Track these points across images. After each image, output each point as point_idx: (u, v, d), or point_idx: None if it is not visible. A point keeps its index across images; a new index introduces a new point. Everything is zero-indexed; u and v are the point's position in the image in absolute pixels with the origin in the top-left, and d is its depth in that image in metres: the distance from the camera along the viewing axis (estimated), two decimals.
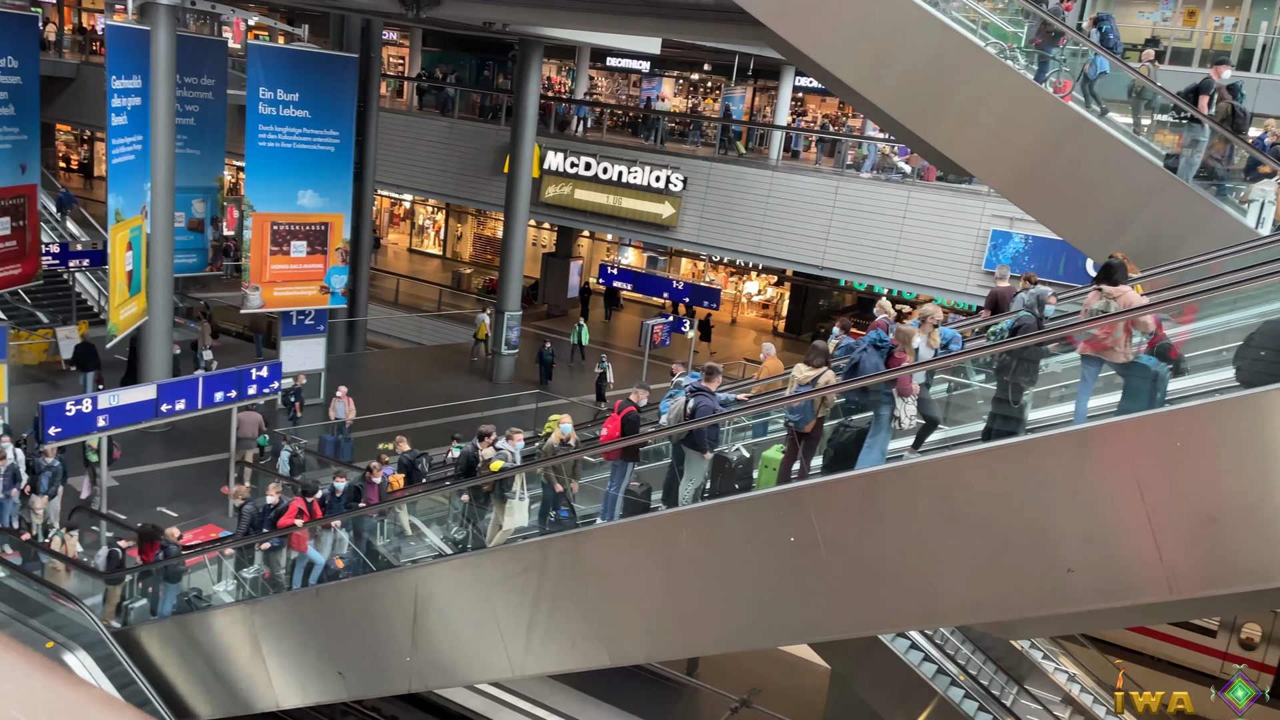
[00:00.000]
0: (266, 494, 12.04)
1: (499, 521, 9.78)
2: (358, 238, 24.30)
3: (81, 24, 43.04)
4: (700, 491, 8.31)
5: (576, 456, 9.87)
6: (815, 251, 23.87)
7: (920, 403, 7.50)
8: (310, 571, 11.14)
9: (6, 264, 20.02)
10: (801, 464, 7.96)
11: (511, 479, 9.67)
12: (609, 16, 18.65)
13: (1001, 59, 10.67)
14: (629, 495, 8.85)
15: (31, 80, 20.19)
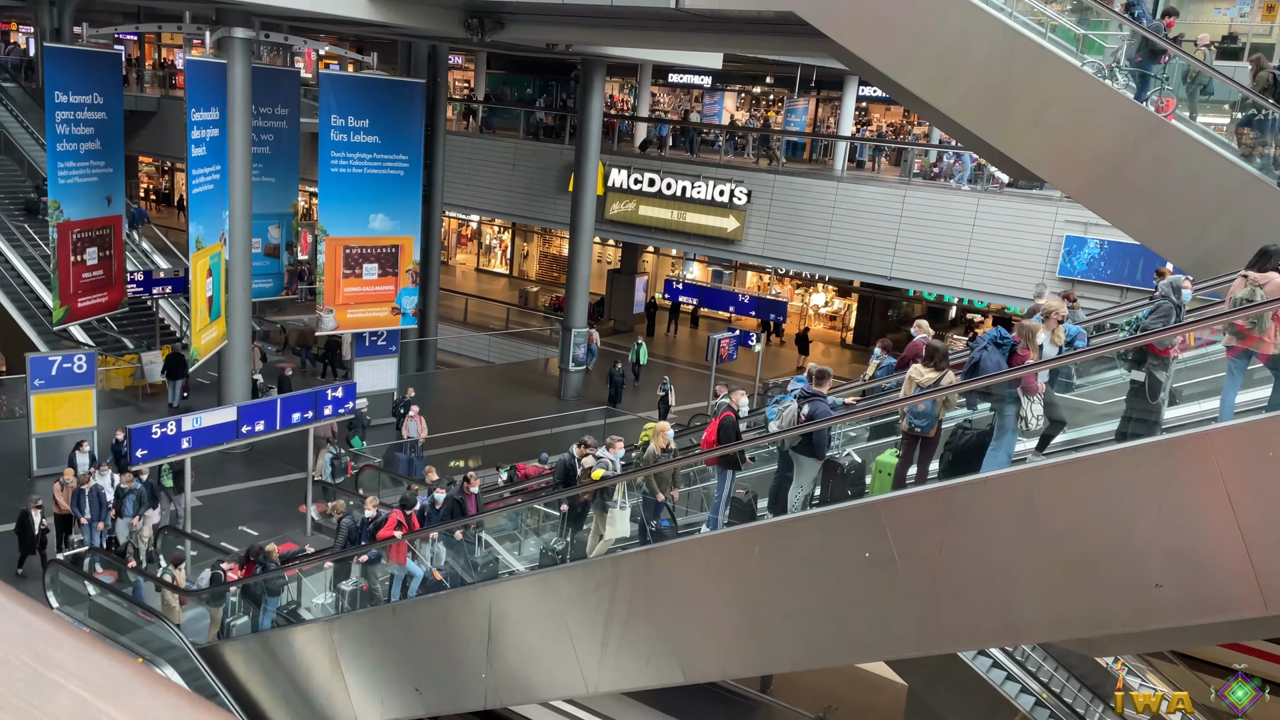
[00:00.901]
0: (365, 507, 12.19)
1: (599, 531, 9.64)
2: (427, 259, 24.74)
3: (161, 59, 44.76)
4: (809, 498, 8.11)
5: (678, 465, 9.68)
6: (883, 262, 23.58)
7: (1046, 403, 7.13)
8: (409, 584, 11.17)
9: (94, 292, 20.83)
10: (919, 469, 7.70)
11: (612, 488, 9.54)
12: (671, 34, 18.74)
13: (1077, 64, 10.43)
14: (734, 502, 8.65)
15: (115, 115, 21.02)
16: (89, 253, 20.38)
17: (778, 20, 14.82)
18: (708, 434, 9.15)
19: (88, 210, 20.18)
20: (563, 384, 25.55)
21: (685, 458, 10.02)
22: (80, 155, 19.87)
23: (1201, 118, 10.71)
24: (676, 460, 9.77)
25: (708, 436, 9.11)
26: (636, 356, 26.10)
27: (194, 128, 17.04)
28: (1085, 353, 7.73)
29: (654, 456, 9.59)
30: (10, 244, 24.66)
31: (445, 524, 11.40)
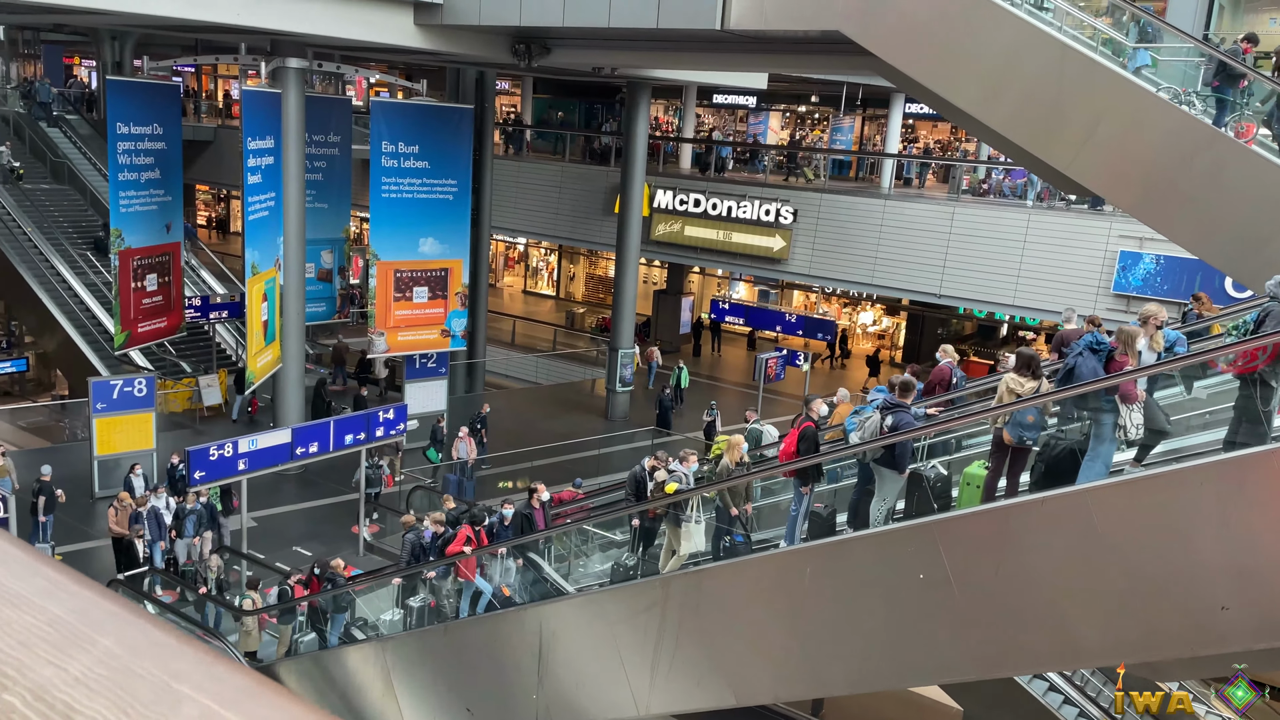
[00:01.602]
0: (428, 523, 12.24)
1: (673, 546, 9.52)
2: (476, 282, 25.03)
3: (218, 90, 45.97)
4: (891, 512, 7.97)
5: (753, 478, 9.54)
6: (932, 280, 23.36)
7: (1147, 412, 6.89)
8: (478, 601, 11.13)
9: (153, 317, 21.37)
10: (1009, 481, 7.52)
11: (687, 502, 9.41)
12: (716, 55, 18.83)
13: (1129, 77, 10.29)
14: (813, 517, 8.55)
15: (174, 145, 21.63)
16: (149, 279, 20.93)
17: (824, 39, 14.83)
18: (786, 445, 9.02)
19: (148, 238, 20.74)
20: (609, 405, 25.61)
21: (762, 470, 9.91)
22: (141, 184, 20.45)
23: None
24: (751, 474, 9.67)
25: (786, 448, 8.97)
26: (677, 380, 25.72)
27: (250, 156, 17.46)
28: (1188, 358, 7.48)
29: (727, 470, 9.47)
30: (74, 271, 25.43)
31: (514, 539, 11.34)
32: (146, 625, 0.64)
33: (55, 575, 0.69)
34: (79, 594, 0.67)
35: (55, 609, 0.65)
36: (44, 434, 23.25)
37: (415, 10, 17.79)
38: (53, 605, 0.66)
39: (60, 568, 0.72)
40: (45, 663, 0.61)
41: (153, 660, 0.60)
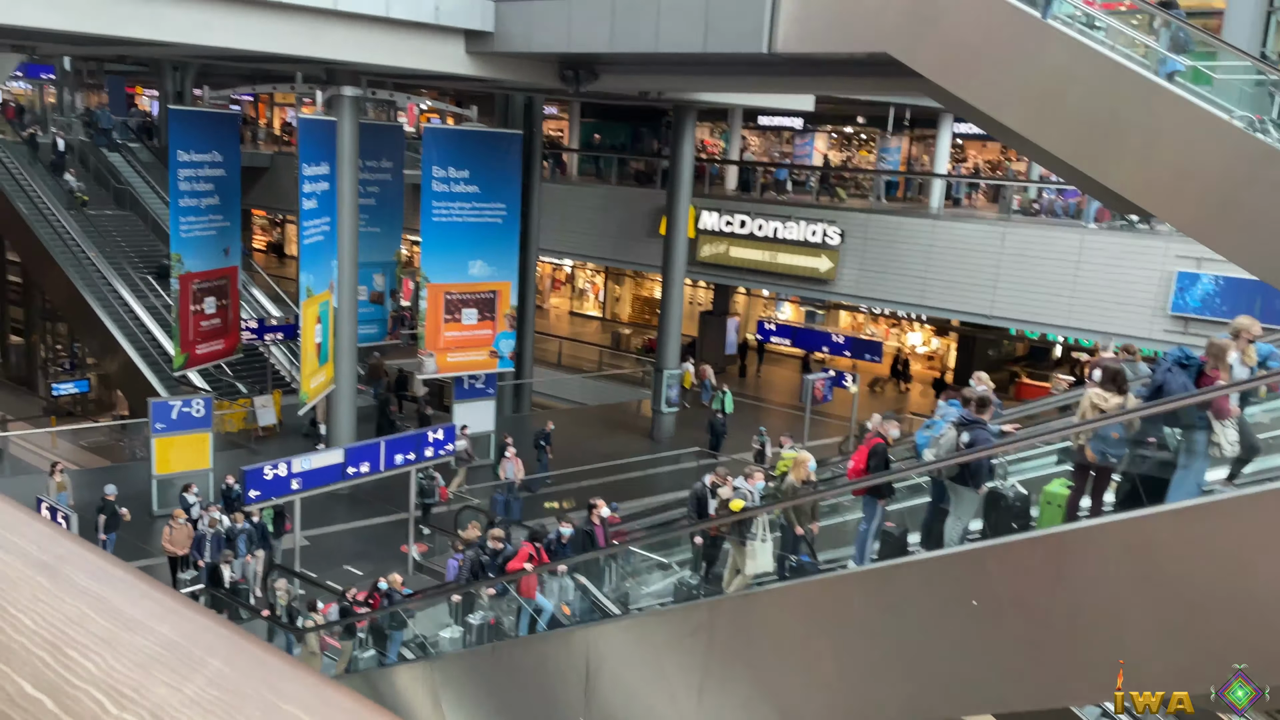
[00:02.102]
0: (489, 539, 12.28)
1: (737, 566, 9.39)
2: (523, 303, 25.27)
3: (274, 118, 47.09)
4: (966, 532, 7.82)
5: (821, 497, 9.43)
6: (983, 300, 23.09)
7: (1241, 429, 6.66)
8: (538, 619, 11.14)
9: (211, 339, 21.87)
10: (1093, 500, 7.31)
11: (751, 520, 9.26)
12: (763, 77, 18.89)
13: (1185, 95, 10.13)
14: (885, 536, 8.42)
15: (233, 172, 22.18)
16: (207, 302, 21.44)
17: (871, 61, 14.81)
18: (855, 463, 8.91)
19: (206, 262, 21.26)
20: (655, 426, 25.62)
21: (830, 489, 9.80)
22: (200, 210, 20.99)
23: None
24: (819, 492, 9.55)
25: (855, 465, 8.86)
26: (721, 405, 25.02)
27: (305, 182, 17.85)
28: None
29: (793, 488, 9.35)
30: (135, 294, 26.14)
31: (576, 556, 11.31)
32: (254, 648, 0.68)
33: (166, 599, 0.74)
34: (189, 617, 0.71)
35: (168, 632, 0.69)
36: (105, 453, 23.86)
37: (467, 38, 18.11)
38: (165, 628, 0.70)
39: (169, 592, 0.76)
40: (161, 684, 0.65)
41: (261, 681, 0.64)
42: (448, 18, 17.44)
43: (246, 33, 15.67)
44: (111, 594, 0.72)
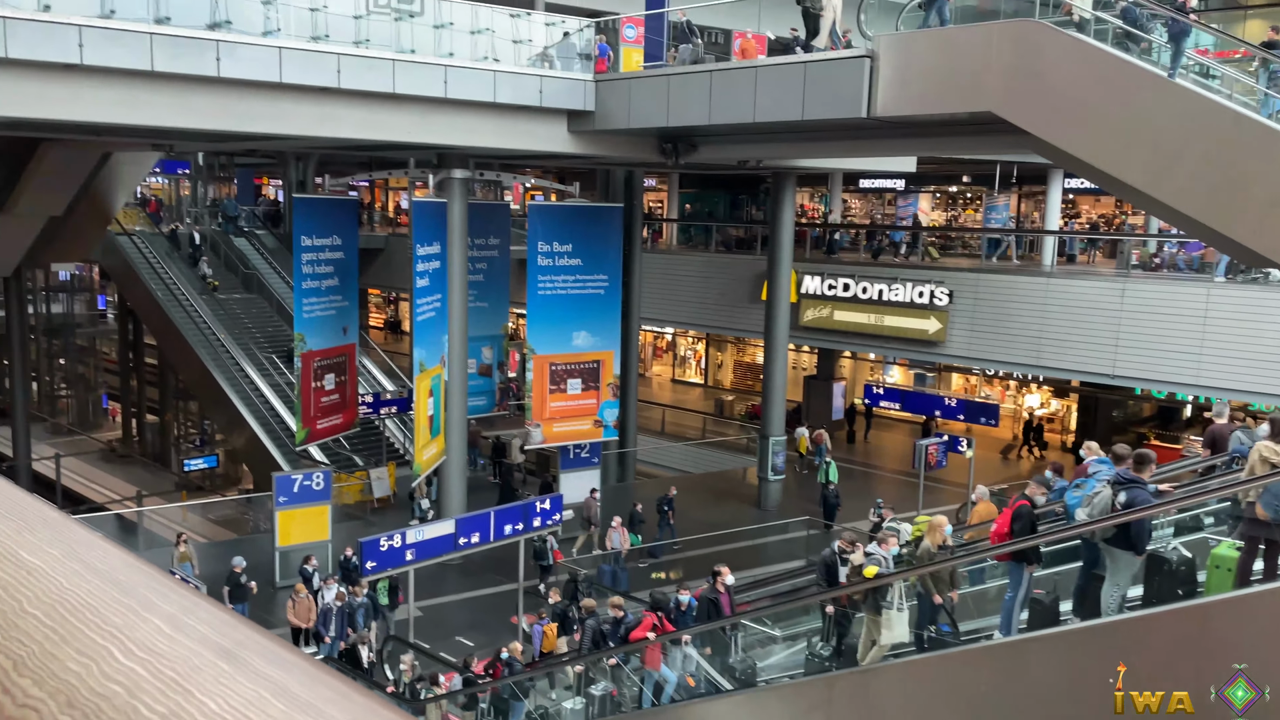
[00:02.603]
0: (609, 608, 12.19)
1: (872, 636, 9.09)
2: (626, 372, 25.51)
3: (389, 201, 49.33)
4: (1125, 599, 7.43)
5: (960, 562, 9.11)
6: (1104, 360, 22.19)
7: None
8: (661, 691, 10.87)
9: (330, 414, 22.71)
10: (1266, 563, 6.93)
11: (887, 587, 8.96)
12: (863, 141, 18.88)
13: None
14: (1034, 604, 8.04)
15: (352, 254, 23.26)
16: (327, 378, 22.33)
17: (974, 120, 14.66)
18: (998, 526, 8.57)
19: (327, 340, 22.21)
20: (762, 494, 25.27)
21: (972, 554, 9.45)
22: (321, 291, 22.01)
23: None
24: (958, 557, 9.20)
25: (998, 529, 8.52)
26: (826, 476, 24.13)
27: (418, 261, 18.58)
28: None
29: (929, 553, 9.02)
30: (260, 373, 27.42)
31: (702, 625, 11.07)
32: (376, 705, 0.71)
33: (338, 684, 0.77)
34: (360, 702, 0.74)
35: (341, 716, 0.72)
36: (231, 526, 24.86)
37: (569, 118, 18.70)
38: (338, 713, 0.73)
39: (341, 677, 0.79)
40: None
41: None
42: (551, 100, 18.07)
43: (364, 123, 16.55)
44: (287, 679, 0.76)
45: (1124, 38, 11.60)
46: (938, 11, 13.57)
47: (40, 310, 40.90)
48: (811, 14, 15.57)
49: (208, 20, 15.08)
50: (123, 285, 33.58)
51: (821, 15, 15.11)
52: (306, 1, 16.65)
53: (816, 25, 15.39)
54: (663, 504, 21.20)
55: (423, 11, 18.13)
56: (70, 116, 14.17)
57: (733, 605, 11.39)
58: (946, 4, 13.59)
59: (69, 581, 0.95)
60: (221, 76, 14.48)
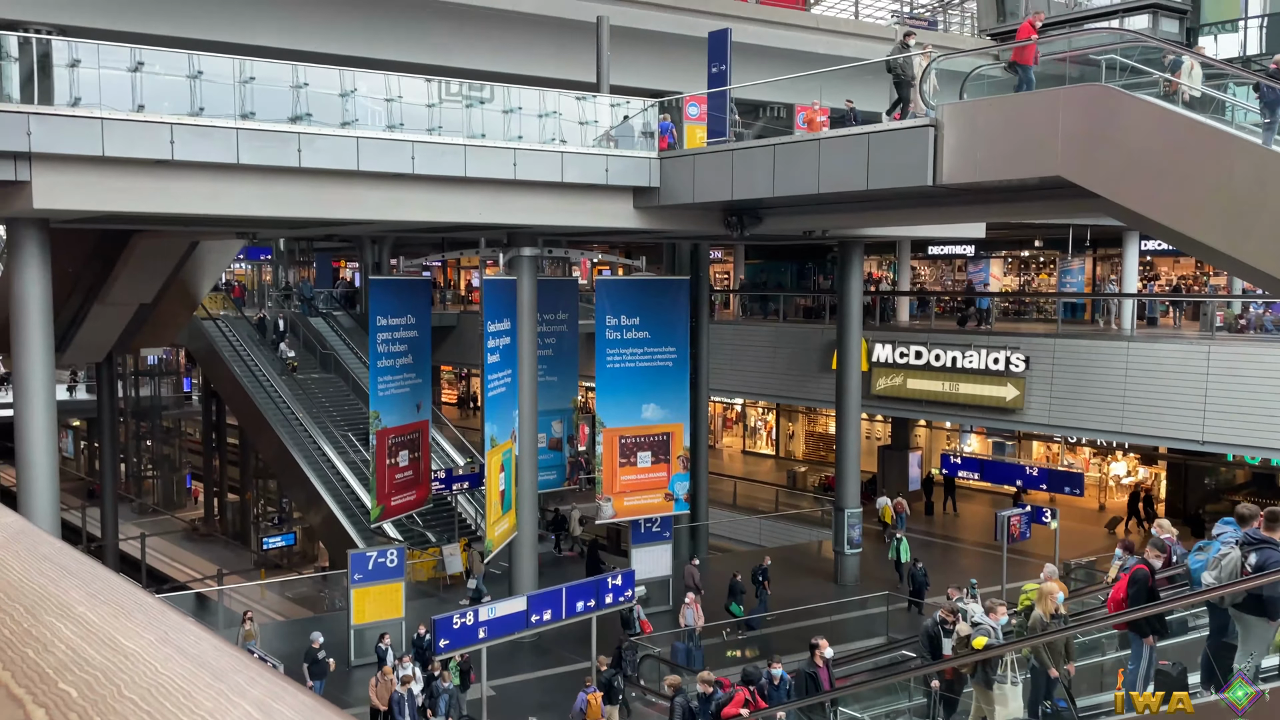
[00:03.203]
0: (697, 683, 11.95)
1: (982, 712, 8.73)
2: (696, 444, 25.37)
3: (460, 280, 50.51)
4: (1259, 669, 7.04)
5: (1075, 631, 8.69)
6: (1191, 425, 21.38)
7: None
8: None
9: (404, 491, 22.97)
10: None
11: (997, 660, 8.60)
12: (929, 209, 18.80)
13: None
14: (1161, 677, 7.61)
15: (424, 332, 23.77)
16: (401, 455, 22.65)
17: (1043, 185, 14.51)
18: (1114, 592, 8.16)
19: (401, 417, 22.60)
20: (838, 568, 24.68)
21: (1087, 623, 9.00)
22: (396, 370, 22.48)
23: None
24: (1072, 627, 8.75)
25: (1114, 596, 8.10)
26: (897, 554, 23.39)
27: (489, 338, 18.89)
28: None
29: (1041, 623, 8.58)
30: (336, 451, 27.98)
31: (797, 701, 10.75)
32: None
33: None
34: None
35: None
36: (308, 604, 25.12)
37: (635, 195, 19.04)
38: None
39: None
40: None
41: None
42: (617, 177, 18.44)
43: (437, 206, 17.07)
44: None
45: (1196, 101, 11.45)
46: (1025, 80, 13.59)
47: (129, 393, 42.55)
48: (903, 82, 15.60)
49: (290, 114, 15.85)
50: (207, 368, 34.81)
51: (913, 84, 15.14)
52: (382, 92, 17.44)
53: (908, 94, 15.39)
54: (758, 574, 21.34)
55: (493, 98, 18.79)
56: (161, 209, 14.90)
57: (831, 680, 10.99)
58: (1031, 70, 13.61)
59: (164, 666, 0.97)
60: (302, 166, 15.13)
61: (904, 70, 15.54)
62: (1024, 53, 13.80)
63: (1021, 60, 13.79)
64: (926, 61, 15.16)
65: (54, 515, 15.77)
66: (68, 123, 13.43)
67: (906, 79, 15.43)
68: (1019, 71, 13.81)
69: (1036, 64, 13.75)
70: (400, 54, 21.69)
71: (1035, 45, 13.86)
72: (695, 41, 22.16)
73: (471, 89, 18.86)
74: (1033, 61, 13.70)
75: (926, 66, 15.10)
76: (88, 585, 1.15)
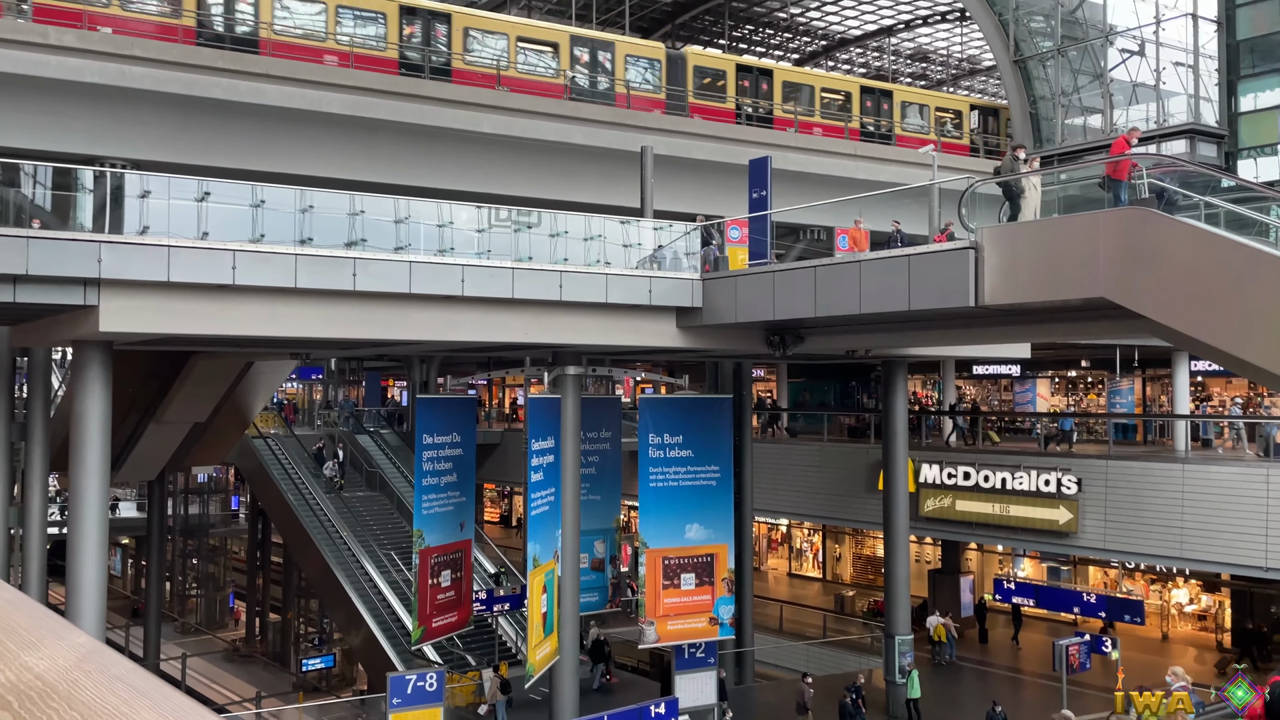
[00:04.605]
0: None
1: None
2: (740, 566, 24.90)
3: (505, 398, 51.06)
4: None
5: None
6: (1254, 551, 20.62)
7: None
8: None
9: (446, 612, 22.71)
10: None
11: None
12: (972, 329, 18.82)
13: None
14: None
15: (469, 450, 23.92)
16: (443, 575, 22.51)
17: (1087, 306, 14.50)
18: (1249, 712, 7.76)
19: (444, 536, 22.56)
20: (890, 699, 23.71)
21: None
22: (440, 488, 22.57)
23: None
24: None
25: (1250, 713, 7.71)
26: (910, 688, 22.36)
27: (533, 456, 18.96)
28: None
29: None
30: (379, 570, 27.87)
31: None
32: None
33: None
34: None
35: None
36: None
37: (678, 315, 19.33)
38: None
39: None
40: None
41: None
42: (660, 298, 18.77)
43: (485, 326, 17.47)
44: None
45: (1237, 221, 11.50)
46: (1117, 197, 13.27)
47: (178, 511, 43.05)
48: (1014, 195, 15.54)
49: (345, 239, 16.50)
50: (255, 486, 35.20)
51: (1024, 196, 15.07)
52: (434, 218, 18.12)
53: (1019, 205, 15.28)
54: (851, 692, 21.27)
55: (540, 223, 19.43)
56: (221, 331, 15.42)
57: None
58: (1124, 187, 13.27)
59: None
60: (357, 290, 15.64)
61: (1015, 183, 15.43)
62: (1119, 168, 13.34)
63: (1116, 175, 13.34)
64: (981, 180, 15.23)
65: (100, 636, 15.81)
66: (136, 250, 14.07)
67: (1017, 190, 15.32)
68: (1111, 187, 13.39)
69: (1130, 179, 13.29)
70: (452, 182, 22.65)
71: (1129, 161, 13.41)
72: (736, 168, 22.86)
73: (520, 214, 19.54)
74: (1127, 177, 13.26)
75: (966, 191, 15.32)
76: (159, 706, 1.20)
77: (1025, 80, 33.07)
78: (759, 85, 29.70)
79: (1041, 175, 14.92)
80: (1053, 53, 32.48)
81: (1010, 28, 32.92)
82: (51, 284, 13.75)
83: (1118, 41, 31.42)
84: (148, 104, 19.62)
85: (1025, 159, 15.93)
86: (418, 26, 24.42)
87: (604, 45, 27.15)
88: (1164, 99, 30.79)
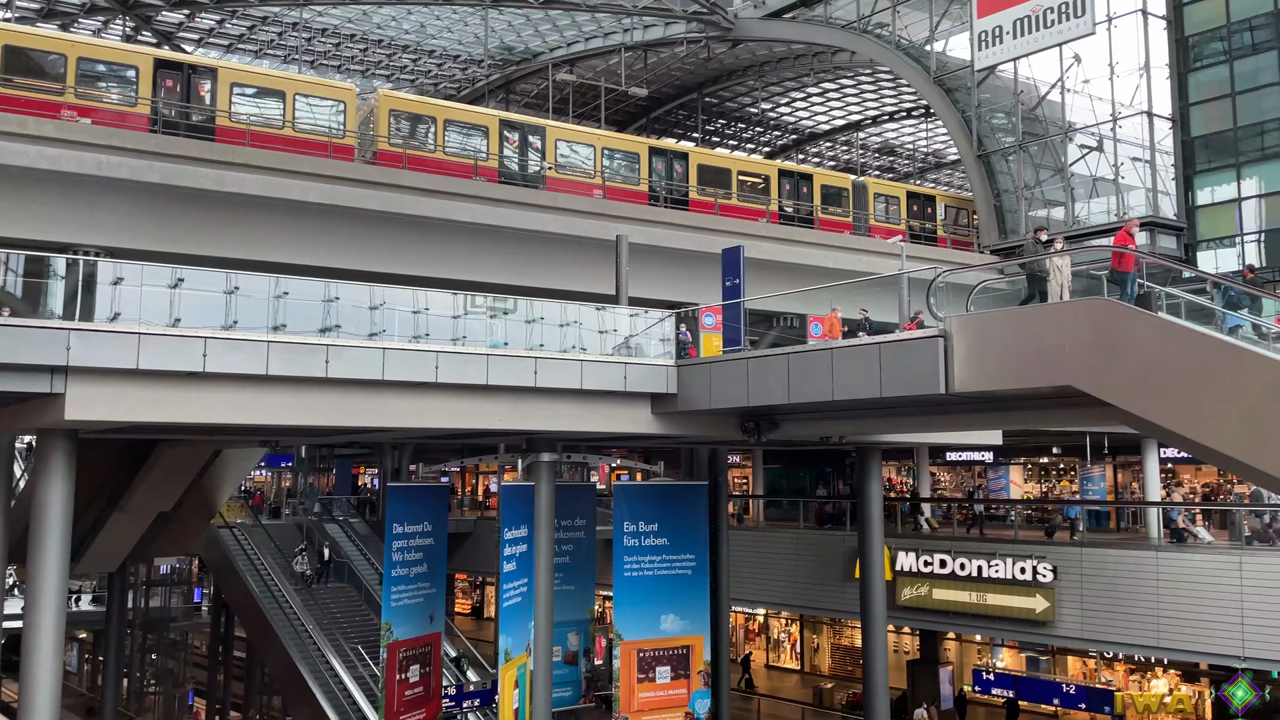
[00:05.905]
0: None
1: None
2: (717, 658, 24.41)
3: (478, 485, 50.52)
4: None
5: None
6: (1230, 639, 20.47)
7: None
8: None
9: (414, 709, 21.99)
10: None
11: None
12: (944, 417, 18.92)
13: None
14: None
15: (440, 540, 23.49)
16: (412, 670, 21.87)
17: (1056, 394, 14.66)
18: None
19: (413, 629, 21.99)
20: None
21: None
22: (410, 579, 22.09)
23: None
24: None
25: None
26: None
27: (506, 545, 18.68)
28: None
29: None
30: (345, 665, 27.05)
31: None
32: None
33: None
34: None
35: None
36: None
37: (653, 401, 19.32)
38: None
39: None
40: None
41: None
42: (635, 384, 18.79)
43: (459, 413, 17.34)
44: None
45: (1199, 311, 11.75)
46: (1126, 292, 13.08)
47: (139, 604, 41.75)
48: (1038, 278, 15.54)
49: (320, 325, 16.45)
50: (219, 577, 34.29)
51: (1049, 278, 15.05)
52: (409, 304, 18.15)
53: (1044, 287, 15.19)
54: None
55: (515, 308, 19.53)
56: (190, 419, 15.19)
57: None
58: (1131, 278, 13.12)
59: None
60: (329, 376, 15.53)
61: (1039, 265, 15.44)
62: (1123, 260, 13.22)
63: (1122, 268, 13.18)
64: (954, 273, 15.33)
65: None
66: (105, 338, 13.90)
67: (1041, 274, 15.34)
68: (1118, 280, 13.17)
69: (1135, 271, 13.07)
70: (427, 269, 22.79)
71: (1134, 254, 13.32)
72: (709, 257, 23.20)
73: (495, 300, 19.64)
74: (1132, 269, 13.06)
75: (932, 281, 15.59)
76: None
77: (989, 174, 34.05)
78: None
79: (1069, 256, 14.88)
80: (1014, 148, 33.53)
81: (973, 124, 34.02)
82: (17, 371, 13.54)
83: (1077, 138, 32.53)
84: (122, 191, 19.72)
85: (1048, 240, 16.09)
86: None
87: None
88: (1123, 192, 31.77)
